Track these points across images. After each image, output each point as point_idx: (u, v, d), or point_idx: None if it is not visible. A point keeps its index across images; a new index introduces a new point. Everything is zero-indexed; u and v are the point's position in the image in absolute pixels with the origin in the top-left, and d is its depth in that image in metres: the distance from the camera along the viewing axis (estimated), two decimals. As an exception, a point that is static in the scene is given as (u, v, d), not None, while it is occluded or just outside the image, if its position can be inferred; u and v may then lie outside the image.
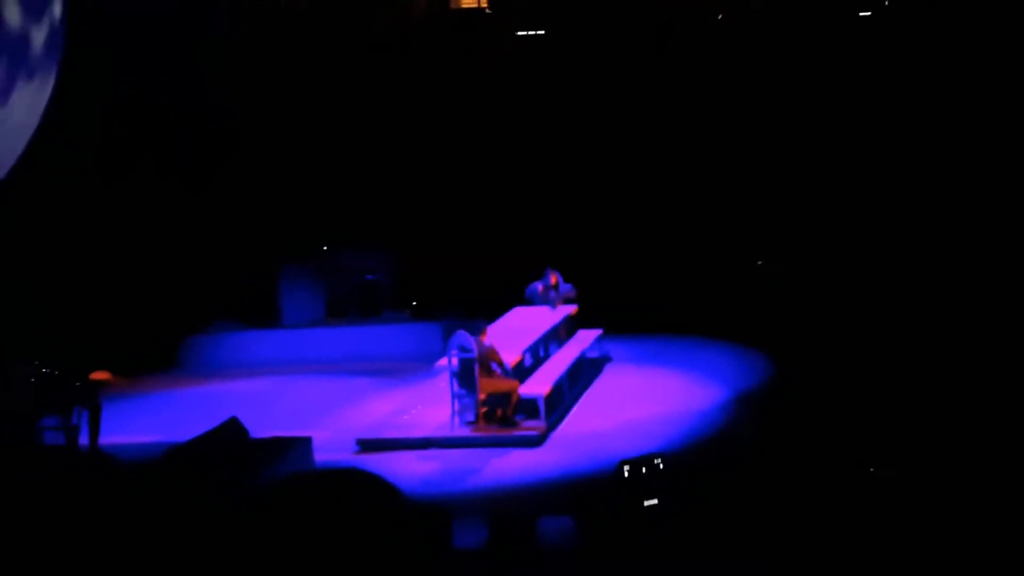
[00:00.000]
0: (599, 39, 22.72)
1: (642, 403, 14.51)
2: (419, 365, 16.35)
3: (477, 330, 13.58)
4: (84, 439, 12.51)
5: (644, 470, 8.89)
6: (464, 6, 23.84)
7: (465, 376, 13.56)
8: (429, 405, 14.42)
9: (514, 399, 13.44)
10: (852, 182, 21.31)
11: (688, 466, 11.75)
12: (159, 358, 18.27)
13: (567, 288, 17.52)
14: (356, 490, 4.72)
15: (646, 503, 8.71)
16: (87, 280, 17.41)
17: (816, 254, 20.65)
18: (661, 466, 8.96)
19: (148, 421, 14.94)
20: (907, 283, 19.00)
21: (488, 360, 13.47)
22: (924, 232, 20.38)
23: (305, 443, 12.15)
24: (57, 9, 16.64)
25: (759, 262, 21.22)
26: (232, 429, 11.56)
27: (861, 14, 22.50)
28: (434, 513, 8.36)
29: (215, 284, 19.31)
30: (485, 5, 23.49)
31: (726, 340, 17.23)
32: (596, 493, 11.11)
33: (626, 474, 8.97)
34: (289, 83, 21.16)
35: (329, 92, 21.70)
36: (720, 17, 21.47)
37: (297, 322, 19.08)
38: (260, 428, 12.16)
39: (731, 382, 15.17)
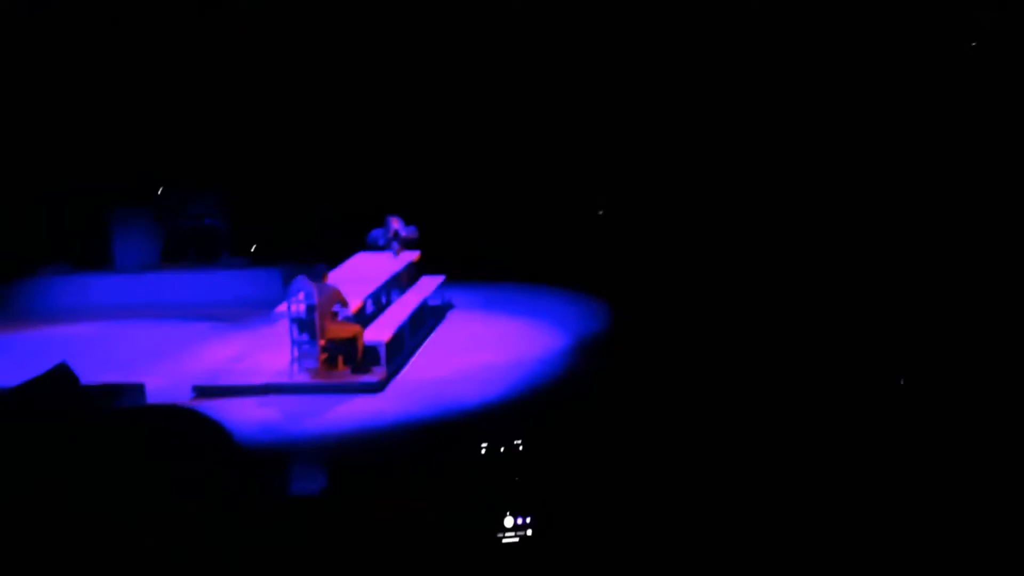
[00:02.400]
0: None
1: (483, 350, 14.54)
2: (258, 311, 16.07)
3: (318, 275, 13.39)
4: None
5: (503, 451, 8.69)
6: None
7: (306, 322, 13.38)
8: (269, 351, 14.18)
9: (360, 344, 13.32)
10: (683, 129, 21.61)
11: (530, 411, 11.86)
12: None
13: (410, 230, 17.36)
14: (184, 428, 4.59)
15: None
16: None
17: (655, 202, 20.94)
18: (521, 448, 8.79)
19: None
20: (743, 232, 19.46)
21: (331, 304, 13.29)
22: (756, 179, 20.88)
23: (138, 389, 11.88)
24: None
25: (600, 211, 21.41)
26: (61, 375, 11.19)
27: None
28: (271, 459, 8.23)
29: (45, 227, 18.59)
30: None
31: (567, 288, 17.37)
32: (435, 440, 11.14)
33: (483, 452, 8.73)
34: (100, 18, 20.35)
35: (163, 29, 21.04)
36: None
37: (130, 266, 18.55)
38: (91, 374, 11.81)
39: (572, 329, 15.30)
